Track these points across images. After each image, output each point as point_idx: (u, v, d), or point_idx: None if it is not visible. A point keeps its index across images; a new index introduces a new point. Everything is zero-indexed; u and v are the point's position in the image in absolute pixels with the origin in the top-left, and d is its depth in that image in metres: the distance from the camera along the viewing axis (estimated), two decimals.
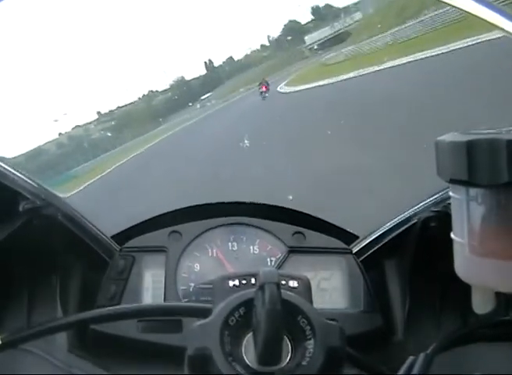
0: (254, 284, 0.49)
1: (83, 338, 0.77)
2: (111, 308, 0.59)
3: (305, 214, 0.96)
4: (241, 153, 5.54)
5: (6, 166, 0.68)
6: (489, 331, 0.66)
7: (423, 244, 0.75)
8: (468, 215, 0.47)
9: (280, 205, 0.98)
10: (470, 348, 0.67)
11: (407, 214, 0.79)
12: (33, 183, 0.71)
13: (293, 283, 0.51)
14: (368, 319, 0.82)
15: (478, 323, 0.65)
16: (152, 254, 0.88)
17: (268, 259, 0.90)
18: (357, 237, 0.91)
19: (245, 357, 0.46)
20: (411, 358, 0.56)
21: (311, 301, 0.50)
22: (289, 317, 0.46)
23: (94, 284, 0.83)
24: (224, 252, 0.90)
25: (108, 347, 0.76)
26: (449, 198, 0.51)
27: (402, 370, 0.56)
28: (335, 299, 0.86)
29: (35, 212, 0.70)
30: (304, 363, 0.45)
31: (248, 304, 0.47)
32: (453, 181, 0.48)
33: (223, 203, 0.97)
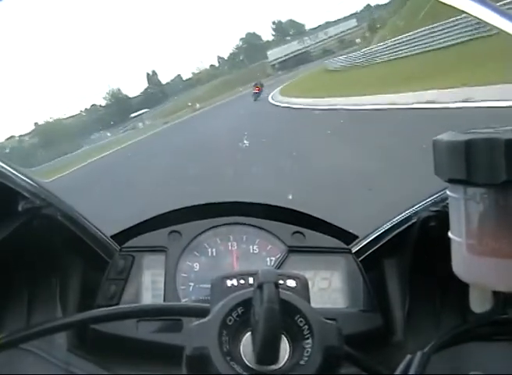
0: (252, 284, 0.49)
1: (82, 338, 0.77)
2: (110, 308, 0.59)
3: (305, 214, 0.96)
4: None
5: (6, 166, 0.68)
6: (487, 329, 0.66)
7: (422, 243, 0.75)
8: (466, 214, 0.47)
9: (280, 204, 0.98)
10: (467, 346, 0.67)
11: (406, 214, 0.79)
12: (32, 183, 0.71)
13: (291, 283, 0.51)
14: (368, 318, 0.82)
15: (475, 322, 0.65)
16: (152, 254, 0.88)
17: (268, 259, 0.90)
18: (357, 237, 0.91)
19: (243, 356, 0.46)
20: (408, 357, 0.56)
21: (308, 301, 0.50)
22: (287, 317, 0.46)
23: (93, 284, 0.83)
24: (224, 252, 0.90)
25: (107, 347, 0.76)
26: (448, 197, 0.51)
27: (399, 369, 0.55)
28: (334, 299, 0.86)
29: (35, 211, 0.70)
30: (301, 363, 0.45)
31: (246, 303, 0.47)
32: (451, 180, 0.48)
33: (223, 203, 0.97)
